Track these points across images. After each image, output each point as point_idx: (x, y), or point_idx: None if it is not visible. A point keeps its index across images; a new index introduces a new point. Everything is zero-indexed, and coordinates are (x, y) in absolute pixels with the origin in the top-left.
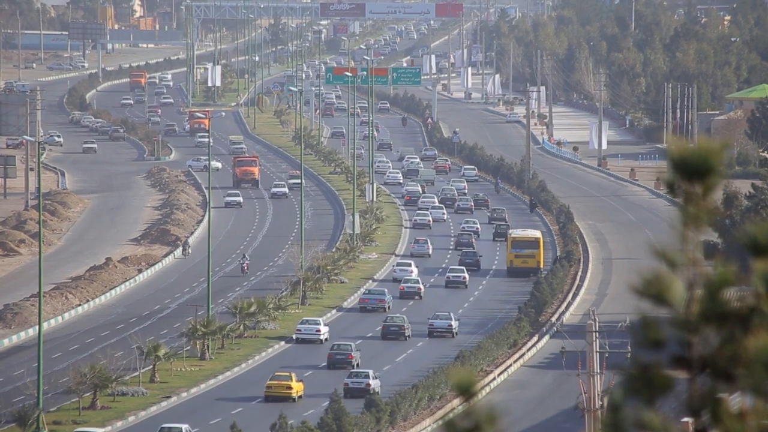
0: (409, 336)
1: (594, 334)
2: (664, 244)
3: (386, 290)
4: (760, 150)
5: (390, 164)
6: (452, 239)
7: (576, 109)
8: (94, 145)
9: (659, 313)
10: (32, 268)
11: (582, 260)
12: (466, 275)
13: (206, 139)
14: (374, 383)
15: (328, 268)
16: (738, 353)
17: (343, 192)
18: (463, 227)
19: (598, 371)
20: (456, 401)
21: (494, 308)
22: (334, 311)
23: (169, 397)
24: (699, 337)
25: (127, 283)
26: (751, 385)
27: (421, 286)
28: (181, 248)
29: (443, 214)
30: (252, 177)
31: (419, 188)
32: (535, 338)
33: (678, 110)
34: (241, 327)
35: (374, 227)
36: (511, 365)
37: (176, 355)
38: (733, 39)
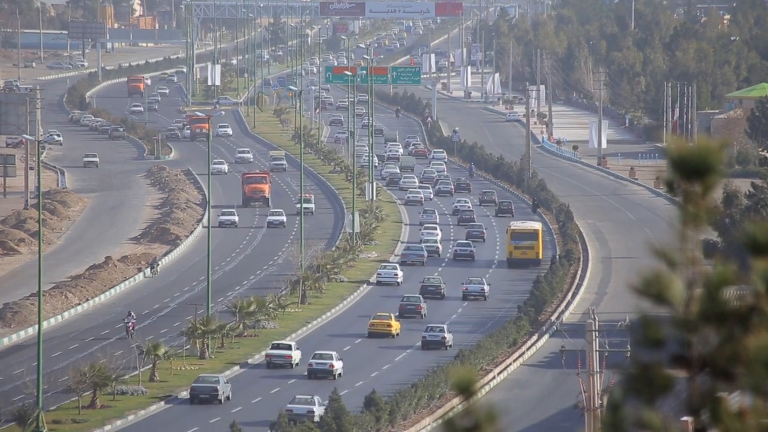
0: (444, 295)
1: (594, 333)
2: (663, 243)
3: (423, 246)
4: (760, 149)
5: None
6: (449, 216)
7: (576, 108)
8: (96, 159)
9: (659, 312)
10: (32, 267)
11: (582, 259)
12: (473, 248)
13: (247, 155)
14: (449, 336)
15: (328, 267)
16: (738, 352)
17: (343, 191)
18: (456, 206)
19: (598, 370)
20: (456, 400)
21: (494, 307)
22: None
23: (168, 396)
24: (699, 337)
25: (127, 282)
26: (751, 385)
27: (439, 245)
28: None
29: (430, 193)
30: (262, 195)
31: (398, 170)
32: (535, 337)
33: (678, 109)
34: (241, 326)
35: (374, 226)
36: (510, 364)
37: (176, 354)
38: (732, 38)
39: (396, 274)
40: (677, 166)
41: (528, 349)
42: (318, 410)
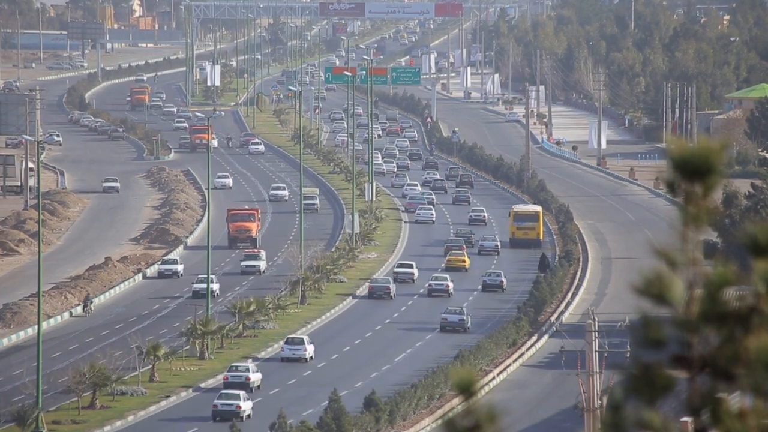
0: (473, 244)
1: (593, 333)
2: (663, 244)
3: (426, 196)
4: (760, 149)
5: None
6: (418, 185)
7: (575, 108)
8: (117, 184)
9: (659, 313)
10: (32, 267)
11: (581, 260)
12: (486, 215)
13: (282, 192)
14: (504, 280)
15: (328, 267)
16: (738, 353)
17: (343, 191)
18: (426, 178)
19: (598, 371)
20: (455, 400)
21: (493, 307)
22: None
23: (168, 396)
24: (699, 337)
25: (127, 283)
26: (751, 385)
27: (434, 197)
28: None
29: (394, 166)
30: (248, 234)
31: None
32: (535, 338)
33: (677, 110)
34: (240, 326)
35: (374, 226)
36: (510, 365)
37: (175, 354)
38: (732, 38)
39: (432, 214)
40: (678, 166)
41: (528, 349)
42: (467, 319)
